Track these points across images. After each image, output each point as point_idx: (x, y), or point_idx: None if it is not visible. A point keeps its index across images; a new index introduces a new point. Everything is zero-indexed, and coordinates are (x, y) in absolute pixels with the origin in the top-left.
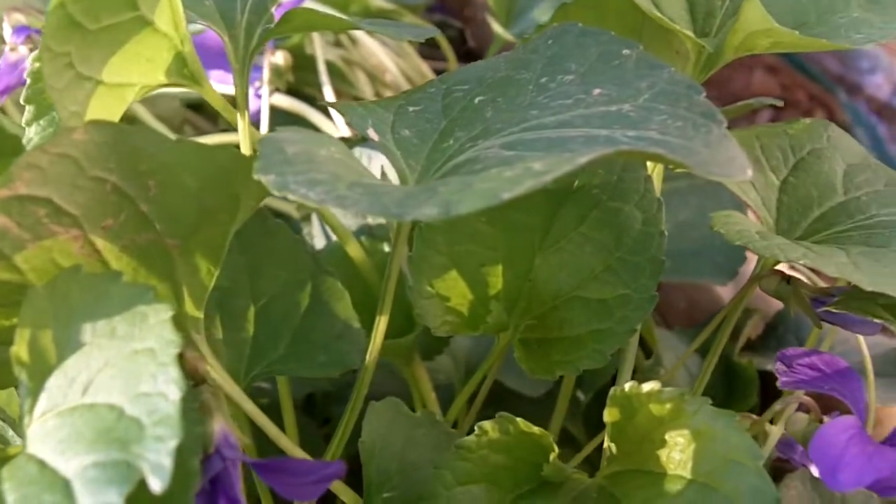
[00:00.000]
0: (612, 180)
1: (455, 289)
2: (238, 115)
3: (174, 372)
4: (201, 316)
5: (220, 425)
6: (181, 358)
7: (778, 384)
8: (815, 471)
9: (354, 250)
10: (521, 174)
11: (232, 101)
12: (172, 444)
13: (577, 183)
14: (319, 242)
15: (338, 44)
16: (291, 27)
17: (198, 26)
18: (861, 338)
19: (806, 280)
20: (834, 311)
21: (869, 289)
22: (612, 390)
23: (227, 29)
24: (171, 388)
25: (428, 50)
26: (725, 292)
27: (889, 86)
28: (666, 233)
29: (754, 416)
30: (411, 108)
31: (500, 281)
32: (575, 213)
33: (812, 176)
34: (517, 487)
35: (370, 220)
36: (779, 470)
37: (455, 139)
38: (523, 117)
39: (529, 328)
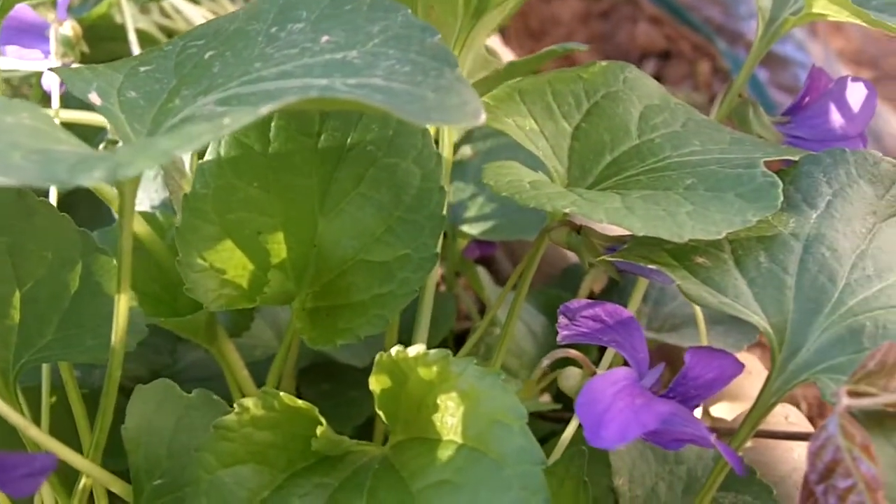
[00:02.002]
0: (388, 136)
1: (232, 260)
2: None
3: None
4: None
5: None
6: None
7: (558, 338)
8: None
9: (139, 226)
10: (205, 129)
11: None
12: None
13: (350, 140)
14: None
15: (164, 14)
16: None
17: None
18: None
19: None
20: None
21: (640, 233)
22: (378, 356)
23: None
24: None
25: None
26: None
27: None
28: (446, 189)
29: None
30: (142, 69)
31: (283, 248)
32: (352, 173)
33: (606, 120)
34: (291, 465)
35: (166, 195)
36: None
37: (182, 98)
38: (246, 70)
39: (319, 296)
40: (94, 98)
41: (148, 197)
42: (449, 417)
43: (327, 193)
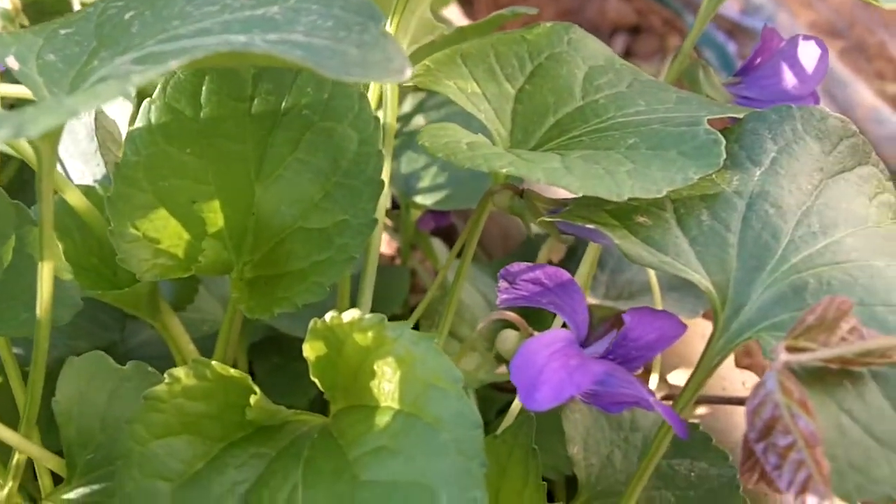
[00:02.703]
0: (323, 99)
1: (166, 229)
2: None
3: None
4: None
5: None
6: None
7: (497, 302)
8: None
9: (75, 198)
10: (112, 86)
11: None
12: None
13: (284, 104)
14: None
15: None
16: None
17: None
18: None
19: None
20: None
21: (579, 192)
22: (312, 322)
23: None
24: None
25: None
26: None
27: (738, 4)
28: (384, 153)
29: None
30: (63, 31)
31: (220, 217)
32: (288, 138)
33: (550, 82)
34: (227, 436)
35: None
36: None
37: (100, 59)
38: (163, 28)
39: (259, 265)
40: (12, 62)
41: (90, 171)
42: (386, 383)
43: (263, 159)
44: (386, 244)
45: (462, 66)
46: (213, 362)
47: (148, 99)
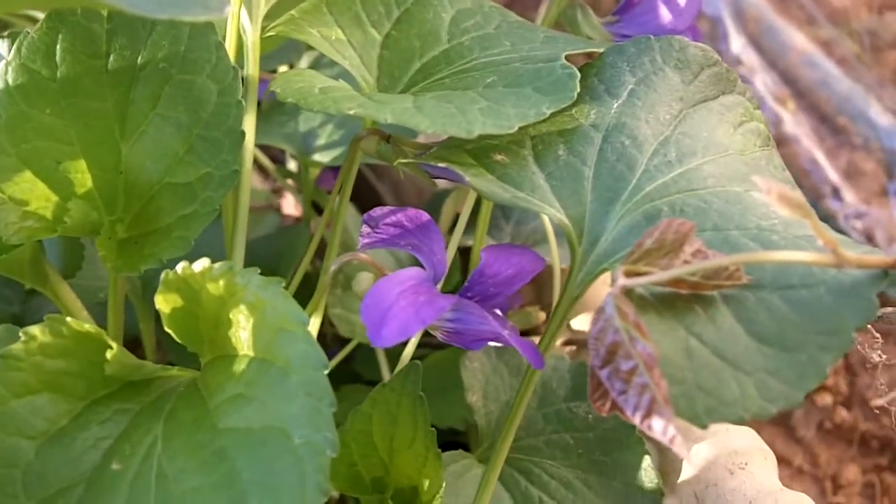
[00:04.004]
0: (180, 52)
1: (33, 192)
2: None
3: None
4: None
5: None
6: None
7: (358, 247)
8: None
9: None
10: None
11: None
12: None
13: (141, 59)
14: None
15: None
16: None
17: None
18: None
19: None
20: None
21: (428, 131)
22: (164, 274)
23: None
24: None
25: None
26: None
27: None
28: (244, 103)
29: None
30: None
31: (88, 177)
32: (148, 93)
33: (416, 27)
34: (91, 393)
35: None
36: None
37: None
38: None
39: (132, 225)
40: None
41: None
42: (241, 331)
43: (126, 117)
44: (294, 206)
45: (327, 15)
46: (69, 319)
47: (4, 60)
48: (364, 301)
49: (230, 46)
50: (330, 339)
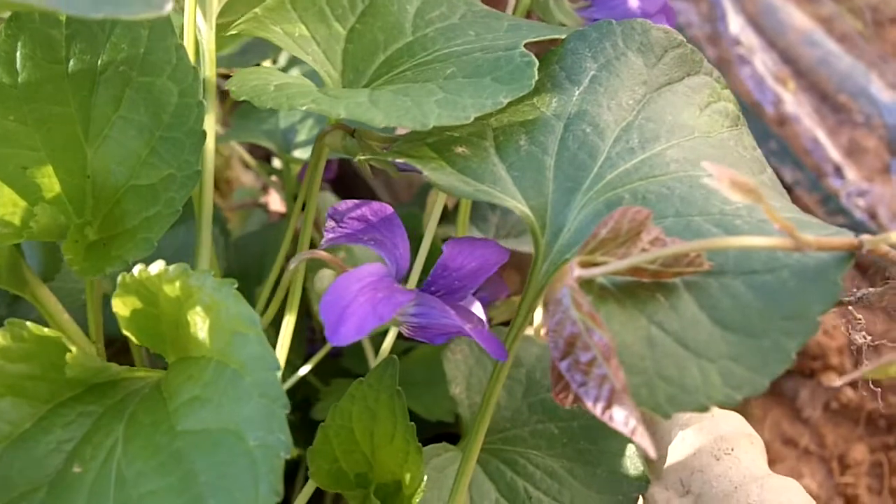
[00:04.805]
0: (140, 54)
1: (1, 197)
2: None
3: None
4: None
5: None
6: None
7: (322, 243)
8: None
9: None
10: None
11: None
12: None
13: (101, 62)
14: None
15: None
16: None
17: None
18: None
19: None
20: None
21: (382, 125)
22: (121, 277)
23: None
24: None
25: None
26: None
27: None
28: (205, 103)
29: None
30: None
31: (55, 182)
32: (109, 96)
33: (380, 19)
34: (55, 396)
35: None
36: None
37: None
38: None
39: (102, 227)
40: None
41: None
42: (199, 333)
43: (89, 120)
44: (280, 203)
45: (291, 11)
46: (29, 323)
47: None
48: (323, 299)
49: (188, 47)
50: (319, 333)
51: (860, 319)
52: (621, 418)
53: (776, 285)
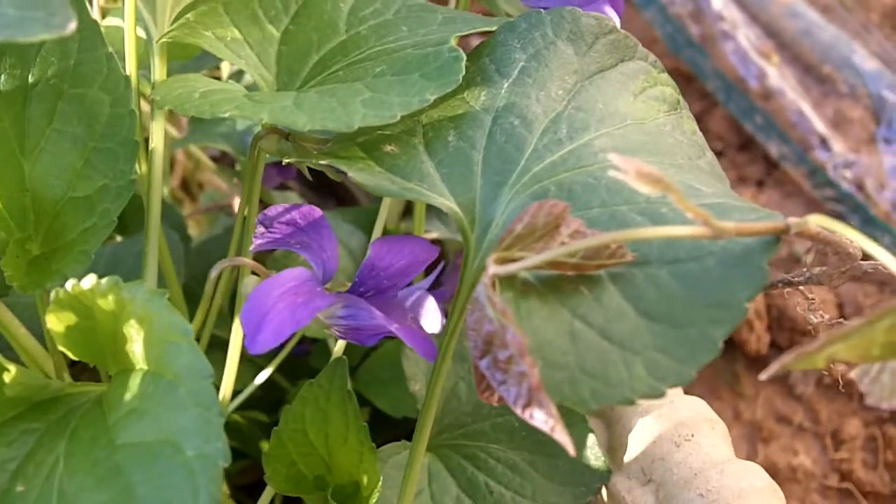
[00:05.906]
0: (70, 66)
1: None
2: None
3: None
4: None
5: None
6: None
7: (250, 249)
8: None
9: None
10: None
11: None
12: None
13: (32, 77)
14: None
15: None
16: None
17: None
18: None
19: None
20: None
21: (306, 129)
22: (54, 292)
23: None
24: None
25: None
26: None
27: None
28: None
29: None
30: None
31: None
32: (42, 110)
33: (314, 19)
34: None
35: None
36: None
37: None
38: None
39: (44, 241)
40: None
41: None
42: (135, 345)
43: (24, 135)
44: None
45: (223, 16)
46: None
47: None
48: (244, 307)
49: (129, 55)
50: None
51: (813, 299)
52: (541, 417)
53: (701, 273)
